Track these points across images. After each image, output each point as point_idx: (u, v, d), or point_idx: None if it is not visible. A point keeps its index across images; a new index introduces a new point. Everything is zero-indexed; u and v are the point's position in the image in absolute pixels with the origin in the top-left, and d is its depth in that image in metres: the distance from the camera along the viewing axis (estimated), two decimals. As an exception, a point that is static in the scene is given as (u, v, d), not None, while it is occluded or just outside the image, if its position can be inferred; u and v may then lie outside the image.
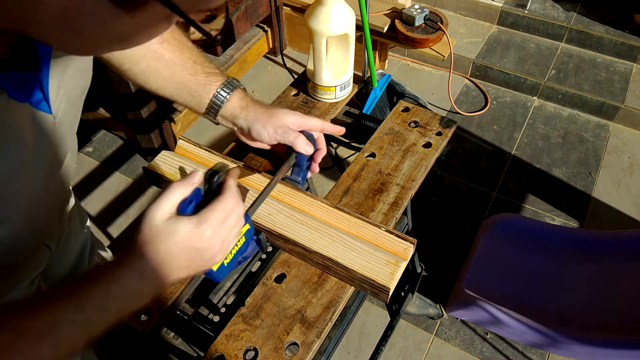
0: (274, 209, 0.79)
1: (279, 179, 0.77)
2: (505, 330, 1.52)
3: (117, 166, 2.11)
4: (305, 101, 1.04)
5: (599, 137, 2.19)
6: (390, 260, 0.72)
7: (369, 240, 0.75)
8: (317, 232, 0.76)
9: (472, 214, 1.91)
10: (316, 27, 0.91)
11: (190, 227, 0.53)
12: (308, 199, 0.80)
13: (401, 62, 2.55)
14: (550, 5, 2.56)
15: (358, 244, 0.74)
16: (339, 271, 0.74)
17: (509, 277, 1.58)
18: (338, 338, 0.77)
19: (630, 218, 1.89)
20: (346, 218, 0.77)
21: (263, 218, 0.77)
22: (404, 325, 1.62)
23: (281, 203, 0.80)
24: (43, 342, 0.46)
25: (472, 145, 2.16)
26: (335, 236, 0.75)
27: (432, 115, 0.99)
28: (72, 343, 0.48)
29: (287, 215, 0.78)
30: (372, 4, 2.03)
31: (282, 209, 0.79)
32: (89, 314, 0.49)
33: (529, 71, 2.37)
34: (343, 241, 0.74)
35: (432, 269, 1.73)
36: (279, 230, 0.76)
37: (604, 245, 1.59)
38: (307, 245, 0.74)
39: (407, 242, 0.75)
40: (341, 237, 0.75)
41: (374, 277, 0.70)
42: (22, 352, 0.45)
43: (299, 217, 0.78)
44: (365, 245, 0.74)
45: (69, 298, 0.49)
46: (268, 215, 0.78)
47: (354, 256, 0.73)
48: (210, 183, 0.57)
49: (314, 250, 0.74)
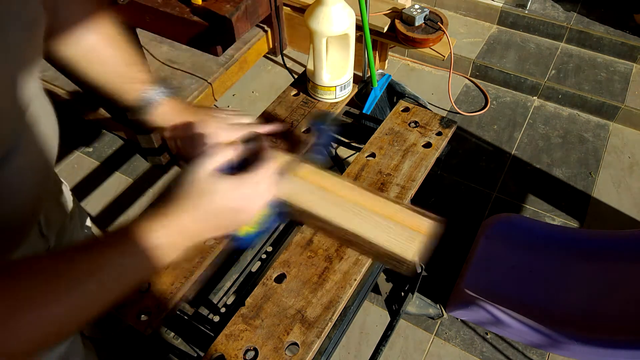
0: (296, 185, 0.80)
1: (301, 155, 0.80)
2: (505, 330, 1.52)
3: (117, 166, 2.11)
4: (305, 101, 1.04)
5: (599, 137, 2.19)
6: (412, 236, 0.73)
7: (391, 217, 0.76)
8: (339, 207, 0.77)
9: (472, 214, 1.91)
10: (316, 27, 0.92)
11: (232, 186, 0.55)
12: (329, 176, 0.82)
13: (401, 62, 2.55)
14: (550, 5, 2.56)
15: (380, 220, 0.75)
16: (361, 245, 0.75)
17: (509, 277, 1.58)
18: (338, 338, 0.77)
19: (630, 218, 1.89)
20: (368, 195, 0.79)
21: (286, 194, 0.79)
22: (404, 325, 1.62)
23: (303, 180, 0.81)
24: (89, 281, 0.46)
25: (472, 145, 2.16)
26: (357, 212, 0.76)
27: (432, 115, 0.99)
28: (116, 287, 0.49)
29: (311, 191, 0.79)
30: (372, 4, 2.03)
31: (305, 186, 0.80)
32: (129, 259, 0.50)
33: (529, 71, 2.37)
34: (365, 216, 0.76)
35: (432, 269, 1.73)
36: (302, 205, 0.78)
37: (604, 245, 1.59)
38: (330, 220, 0.75)
39: (429, 219, 0.76)
40: (363, 212, 0.76)
41: (397, 251, 0.72)
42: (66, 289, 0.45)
43: (321, 194, 0.79)
44: (387, 221, 0.75)
45: (109, 245, 0.50)
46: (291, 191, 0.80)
47: (376, 231, 0.74)
48: (248, 149, 0.59)
49: (336, 225, 0.75)
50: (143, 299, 0.73)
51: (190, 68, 2.15)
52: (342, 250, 0.78)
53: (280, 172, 0.64)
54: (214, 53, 1.57)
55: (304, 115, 1.01)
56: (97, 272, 0.48)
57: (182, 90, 2.03)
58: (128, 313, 0.72)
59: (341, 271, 0.76)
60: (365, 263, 0.77)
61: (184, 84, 2.07)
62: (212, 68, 2.13)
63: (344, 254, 0.78)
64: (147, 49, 2.21)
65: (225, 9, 1.56)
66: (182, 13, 1.35)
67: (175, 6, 1.36)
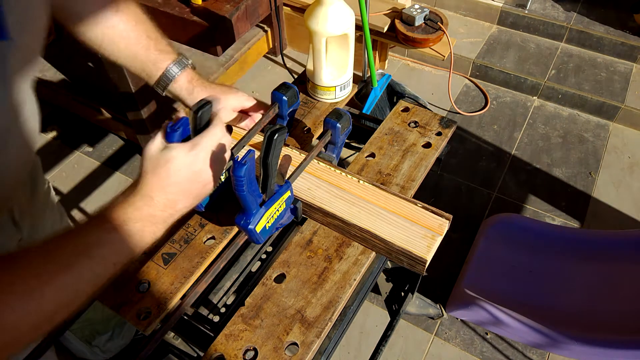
0: (313, 184, 0.82)
1: (315, 154, 0.82)
2: (505, 330, 1.52)
3: (117, 166, 2.11)
4: (304, 101, 1.04)
5: (599, 137, 2.19)
6: (426, 234, 0.75)
7: (405, 216, 0.77)
8: (355, 206, 0.79)
9: (472, 214, 1.91)
10: (316, 27, 0.91)
11: (185, 151, 0.59)
12: (344, 176, 0.83)
13: (401, 62, 2.55)
14: (550, 5, 2.56)
15: (395, 219, 0.77)
16: (376, 243, 0.76)
17: (509, 277, 1.58)
18: (338, 338, 0.77)
19: (630, 218, 1.89)
20: (382, 194, 0.80)
21: (303, 192, 0.81)
22: (404, 325, 1.62)
23: (319, 179, 0.83)
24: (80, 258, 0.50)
25: (472, 145, 2.16)
26: (372, 210, 0.78)
27: (432, 115, 0.99)
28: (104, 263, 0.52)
29: (326, 190, 0.81)
30: (372, 4, 2.02)
31: (321, 184, 0.82)
32: (113, 234, 0.53)
33: (529, 71, 2.37)
34: (380, 215, 0.77)
35: (432, 269, 1.72)
36: (318, 203, 0.79)
37: (604, 245, 1.59)
38: (345, 219, 0.77)
39: (443, 218, 0.78)
40: (378, 211, 0.78)
41: (412, 249, 0.73)
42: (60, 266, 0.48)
43: (337, 192, 0.81)
44: (402, 220, 0.77)
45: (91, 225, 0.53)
46: (307, 189, 0.81)
47: (391, 229, 0.75)
48: (198, 117, 0.62)
49: (352, 224, 0.76)
50: (143, 299, 0.73)
51: (190, 68, 2.14)
52: (341, 250, 0.79)
53: (229, 129, 0.67)
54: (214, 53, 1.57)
55: (303, 115, 1.01)
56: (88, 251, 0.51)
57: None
58: (128, 313, 0.72)
59: (341, 271, 0.76)
60: (365, 263, 0.77)
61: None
62: (212, 68, 2.13)
63: (343, 254, 0.78)
64: (147, 49, 2.20)
65: (225, 9, 1.55)
66: (182, 13, 1.35)
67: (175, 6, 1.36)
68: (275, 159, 0.66)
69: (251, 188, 0.64)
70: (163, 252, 0.78)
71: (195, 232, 0.81)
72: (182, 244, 0.79)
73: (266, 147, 0.63)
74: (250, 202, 0.66)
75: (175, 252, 0.78)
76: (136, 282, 0.75)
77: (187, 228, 0.81)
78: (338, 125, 0.82)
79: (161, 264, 0.77)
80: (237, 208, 0.69)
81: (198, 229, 0.81)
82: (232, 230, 0.81)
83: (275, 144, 0.63)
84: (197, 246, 0.79)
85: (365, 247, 0.78)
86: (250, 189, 0.64)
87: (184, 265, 0.77)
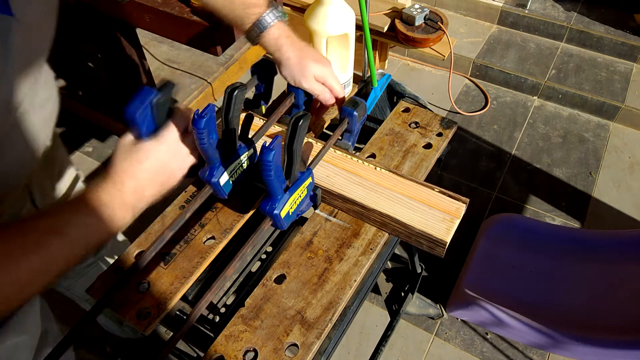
0: (332, 171, 0.83)
1: (333, 141, 0.84)
2: (505, 330, 1.52)
3: (117, 166, 2.11)
4: (305, 101, 1.04)
5: (599, 137, 2.19)
6: (445, 218, 0.77)
7: (423, 200, 0.79)
8: (373, 192, 0.80)
9: (472, 214, 1.91)
10: (316, 27, 0.91)
11: (150, 144, 0.64)
12: (361, 163, 0.85)
13: (401, 62, 2.55)
14: (550, 5, 2.56)
15: (413, 203, 0.79)
16: (396, 227, 0.78)
17: (509, 277, 1.58)
18: (338, 338, 0.77)
19: (630, 218, 1.89)
20: (400, 180, 0.82)
21: (322, 180, 0.82)
22: (404, 325, 1.62)
23: (337, 167, 0.84)
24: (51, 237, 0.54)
25: (472, 145, 2.16)
26: (391, 196, 0.80)
27: (433, 115, 0.98)
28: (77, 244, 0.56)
29: (345, 177, 0.83)
30: (372, 3, 2.02)
31: (339, 172, 0.83)
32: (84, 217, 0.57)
33: (529, 71, 2.37)
34: (399, 200, 0.79)
35: (432, 269, 1.73)
36: (338, 190, 0.80)
37: (604, 245, 1.59)
38: (365, 204, 0.78)
39: (460, 202, 0.80)
40: (397, 196, 0.80)
41: (431, 232, 0.75)
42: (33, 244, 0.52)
43: (355, 179, 0.82)
44: (420, 204, 0.79)
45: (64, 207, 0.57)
46: (326, 177, 0.82)
47: (410, 213, 0.77)
48: (154, 105, 0.63)
49: (372, 209, 0.78)
50: (143, 299, 0.73)
51: (190, 68, 2.14)
52: (342, 251, 0.78)
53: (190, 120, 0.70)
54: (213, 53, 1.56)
55: (304, 115, 1.01)
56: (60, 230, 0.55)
57: (181, 90, 2.03)
58: (128, 313, 0.71)
59: (341, 272, 0.76)
60: (365, 264, 0.77)
61: (183, 83, 2.07)
62: (212, 68, 2.13)
63: (344, 254, 0.78)
64: (147, 48, 2.20)
65: (225, 9, 1.55)
66: (182, 13, 1.35)
67: (175, 6, 1.36)
68: (299, 145, 0.67)
69: (277, 173, 0.66)
70: (163, 252, 0.78)
71: (195, 232, 0.81)
72: (182, 244, 0.79)
73: (291, 133, 0.65)
74: (277, 188, 0.68)
75: (175, 252, 0.78)
76: (136, 282, 0.74)
77: (187, 228, 0.81)
78: (355, 113, 0.84)
79: (161, 264, 0.77)
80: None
81: (198, 229, 0.81)
82: (232, 230, 0.81)
83: (300, 130, 0.64)
84: (197, 246, 0.79)
85: (384, 231, 0.80)
86: (277, 174, 0.66)
87: (184, 265, 0.76)
